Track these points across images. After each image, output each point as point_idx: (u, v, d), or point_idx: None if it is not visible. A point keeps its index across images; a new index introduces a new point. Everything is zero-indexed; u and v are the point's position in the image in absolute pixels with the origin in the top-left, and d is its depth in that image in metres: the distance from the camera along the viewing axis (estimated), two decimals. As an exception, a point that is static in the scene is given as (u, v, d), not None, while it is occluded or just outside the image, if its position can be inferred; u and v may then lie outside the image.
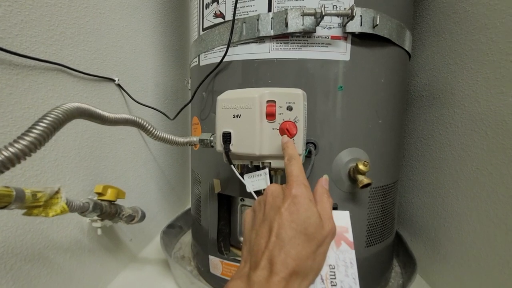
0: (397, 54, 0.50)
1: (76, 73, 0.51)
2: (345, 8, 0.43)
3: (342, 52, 0.45)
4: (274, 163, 0.39)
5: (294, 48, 0.45)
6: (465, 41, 0.55)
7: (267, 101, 0.37)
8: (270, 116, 0.37)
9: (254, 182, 0.40)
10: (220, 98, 0.40)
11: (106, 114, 0.32)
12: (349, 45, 0.45)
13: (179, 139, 0.44)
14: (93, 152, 0.57)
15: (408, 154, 0.72)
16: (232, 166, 0.40)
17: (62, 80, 0.48)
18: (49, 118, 0.22)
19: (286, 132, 0.37)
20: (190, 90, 0.68)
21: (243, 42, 0.48)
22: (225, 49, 0.47)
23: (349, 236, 0.29)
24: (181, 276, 0.61)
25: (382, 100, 0.49)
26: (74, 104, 0.26)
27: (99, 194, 0.50)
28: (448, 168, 0.59)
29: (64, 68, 0.48)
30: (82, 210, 0.41)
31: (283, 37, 0.45)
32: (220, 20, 0.50)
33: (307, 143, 0.45)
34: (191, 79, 0.66)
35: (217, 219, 0.57)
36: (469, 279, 0.53)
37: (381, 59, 0.48)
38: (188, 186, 1.04)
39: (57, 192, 0.34)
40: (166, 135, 0.43)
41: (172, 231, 0.79)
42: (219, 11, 0.50)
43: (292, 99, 0.37)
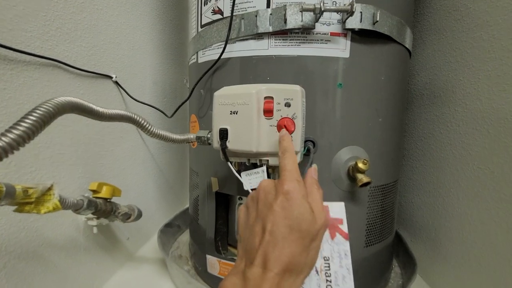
0: (397, 52, 0.50)
1: (73, 69, 0.50)
2: (344, 4, 0.43)
3: (341, 49, 0.45)
4: (271, 160, 0.38)
5: (293, 45, 0.45)
6: (467, 39, 0.54)
7: (265, 98, 0.36)
8: (268, 112, 0.37)
9: (252, 180, 0.39)
10: (217, 94, 0.39)
11: (100, 109, 0.31)
12: (348, 42, 0.44)
13: (176, 136, 0.44)
14: (90, 149, 0.56)
15: (408, 153, 0.71)
16: (229, 164, 0.39)
17: (58, 76, 0.48)
18: (38, 111, 0.21)
19: (284, 129, 0.36)
20: (189, 88, 0.67)
21: (242, 38, 0.47)
22: (223, 45, 0.47)
23: (344, 227, 0.29)
24: (178, 275, 0.61)
25: (382, 98, 0.49)
26: (65, 98, 0.25)
27: (94, 191, 0.49)
28: (449, 167, 0.58)
29: (60, 64, 0.48)
30: (76, 208, 0.41)
31: (282, 33, 0.45)
32: (218, 16, 0.50)
33: (306, 141, 0.45)
34: (189, 77, 0.65)
35: (214, 218, 0.57)
36: (469, 280, 0.52)
37: (381, 57, 0.47)
38: (187, 185, 1.03)
39: (50, 189, 0.33)
40: (162, 132, 0.42)
41: (170, 230, 0.78)
42: (217, 7, 0.50)
43: (290, 96, 0.36)
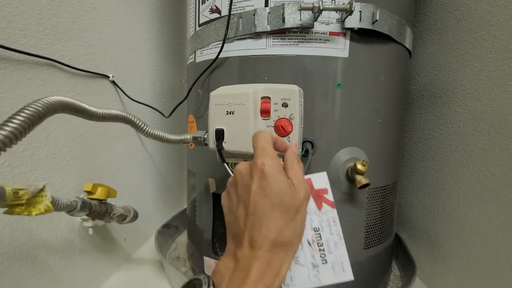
0: (397, 52, 0.49)
1: (68, 68, 0.50)
2: (343, 3, 0.42)
3: (340, 48, 0.44)
4: (269, 161, 0.37)
5: (291, 44, 0.44)
6: (467, 39, 0.53)
7: (262, 98, 0.36)
8: (265, 113, 0.36)
9: (249, 181, 0.38)
10: (213, 94, 0.39)
11: (93, 109, 0.31)
12: (347, 41, 0.44)
13: (172, 137, 0.43)
14: (86, 149, 0.55)
15: (408, 155, 0.70)
16: (225, 165, 0.39)
17: (53, 76, 0.47)
18: (26, 111, 0.21)
19: (281, 130, 0.36)
20: (187, 88, 0.67)
21: (239, 37, 0.46)
22: (221, 45, 0.46)
23: (329, 196, 0.30)
24: (174, 277, 0.60)
25: (382, 99, 0.48)
26: (56, 97, 0.25)
27: (89, 192, 0.48)
28: (449, 169, 0.57)
29: (55, 63, 0.47)
30: (69, 209, 0.40)
31: (280, 32, 0.44)
32: (216, 15, 0.49)
33: (304, 142, 0.44)
34: (187, 77, 0.65)
35: (212, 219, 0.56)
36: (469, 282, 0.52)
37: (380, 56, 0.47)
38: (185, 185, 1.03)
39: (42, 190, 0.33)
40: (158, 132, 0.42)
41: (167, 231, 0.77)
42: (215, 6, 0.49)
43: (287, 96, 0.36)
